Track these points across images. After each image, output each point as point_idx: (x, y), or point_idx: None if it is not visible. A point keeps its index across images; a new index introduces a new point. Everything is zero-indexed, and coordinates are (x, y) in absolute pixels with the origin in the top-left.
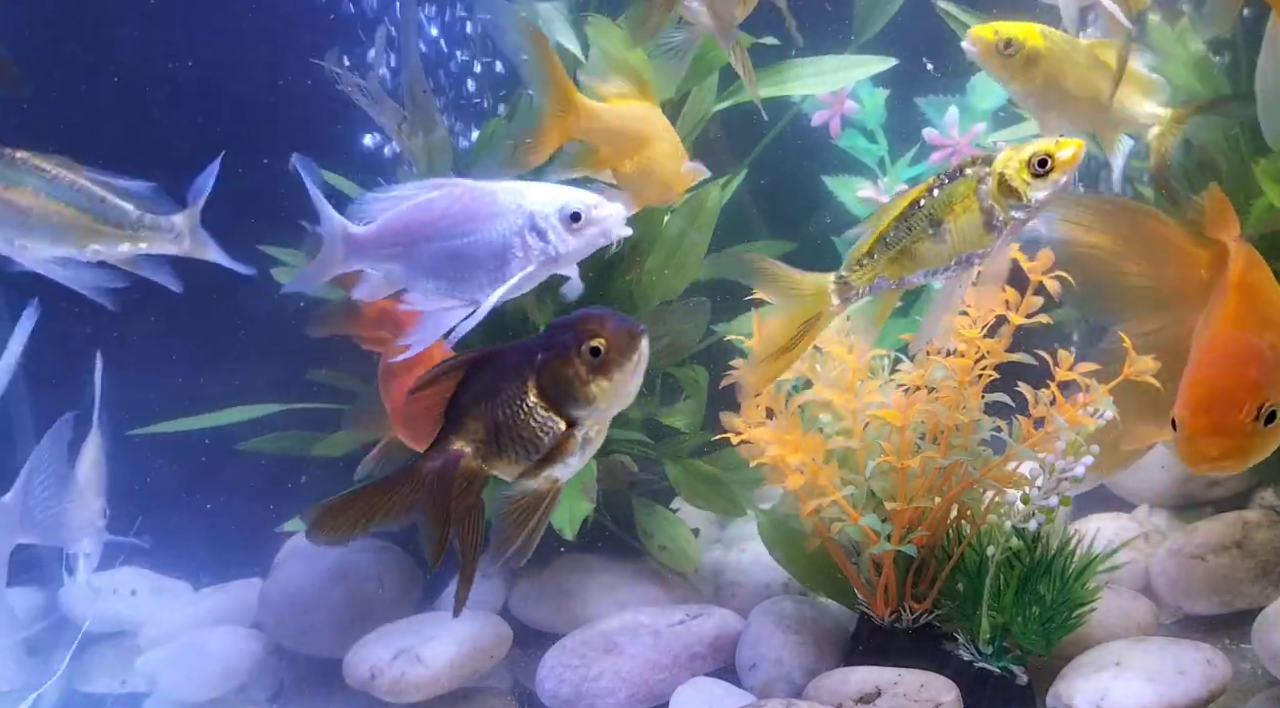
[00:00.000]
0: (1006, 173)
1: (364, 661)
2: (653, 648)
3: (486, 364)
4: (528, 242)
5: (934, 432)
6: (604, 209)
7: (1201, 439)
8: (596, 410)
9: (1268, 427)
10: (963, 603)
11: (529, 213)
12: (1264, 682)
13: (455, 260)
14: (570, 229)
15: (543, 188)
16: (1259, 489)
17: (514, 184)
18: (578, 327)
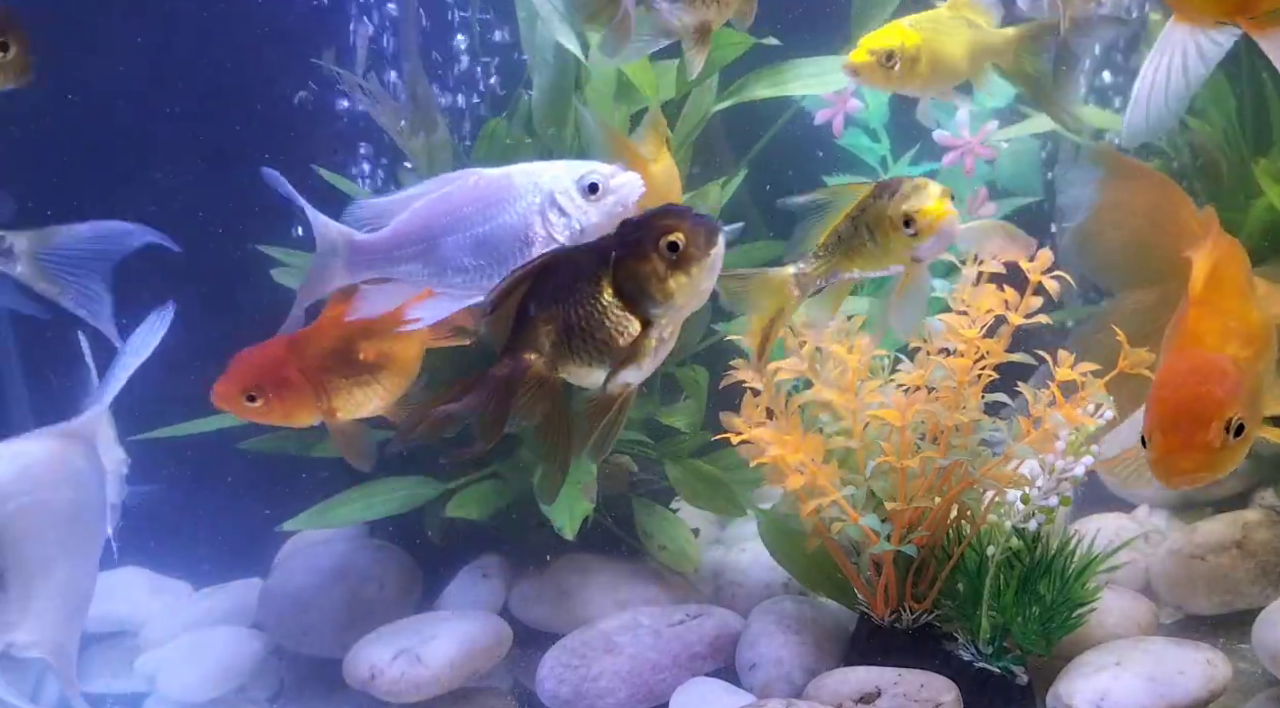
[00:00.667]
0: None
1: (364, 661)
2: (653, 648)
3: (557, 268)
4: (550, 220)
5: (934, 432)
6: (620, 177)
7: (1172, 458)
8: (673, 308)
9: (1236, 439)
10: (963, 603)
11: (548, 191)
12: (1264, 682)
13: (480, 249)
14: (590, 200)
15: (554, 165)
16: (1259, 489)
17: (524, 165)
18: (654, 222)
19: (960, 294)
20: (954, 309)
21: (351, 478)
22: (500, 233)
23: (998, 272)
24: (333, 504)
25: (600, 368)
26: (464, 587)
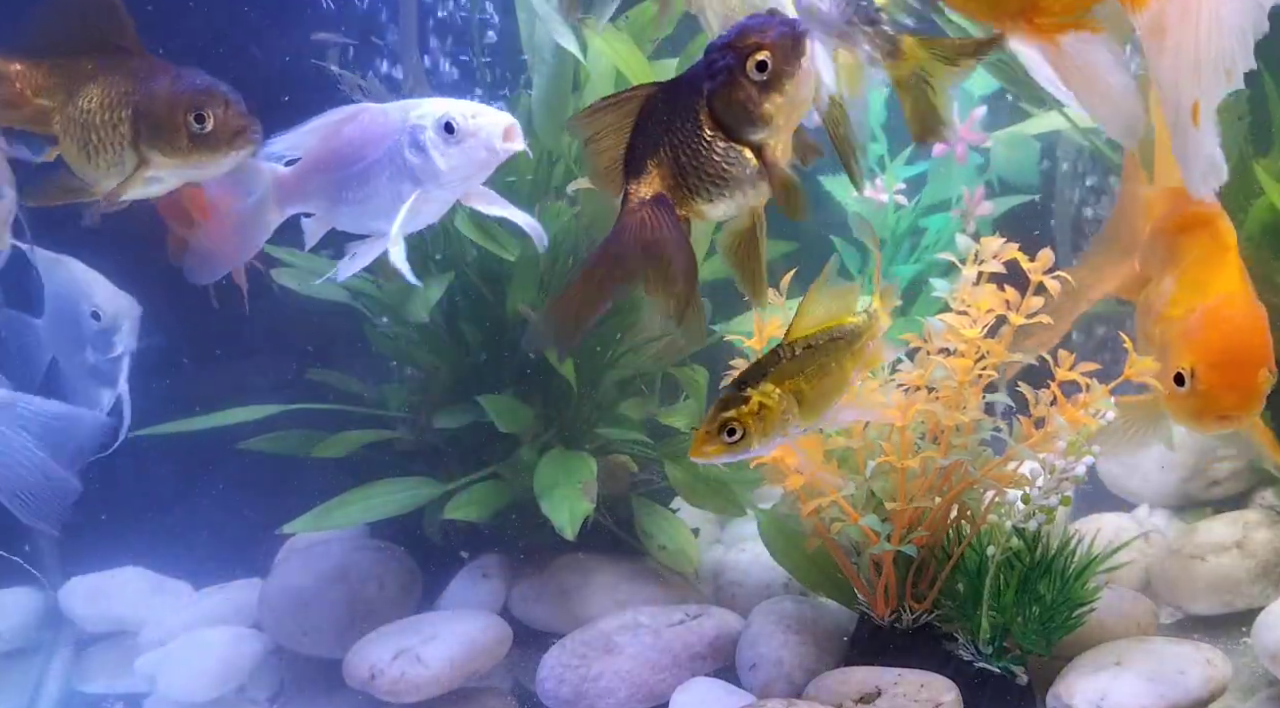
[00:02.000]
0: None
1: (364, 661)
2: (653, 648)
3: (651, 111)
4: (408, 159)
5: (933, 432)
6: (483, 118)
7: (1220, 395)
8: (775, 128)
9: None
10: (963, 603)
11: (410, 127)
12: (1264, 682)
13: (362, 186)
14: (448, 141)
15: (432, 101)
16: (1259, 489)
17: (410, 102)
18: (737, 45)
19: (960, 294)
20: (954, 309)
21: (352, 478)
22: (374, 171)
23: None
24: (333, 505)
25: (720, 202)
26: (464, 587)
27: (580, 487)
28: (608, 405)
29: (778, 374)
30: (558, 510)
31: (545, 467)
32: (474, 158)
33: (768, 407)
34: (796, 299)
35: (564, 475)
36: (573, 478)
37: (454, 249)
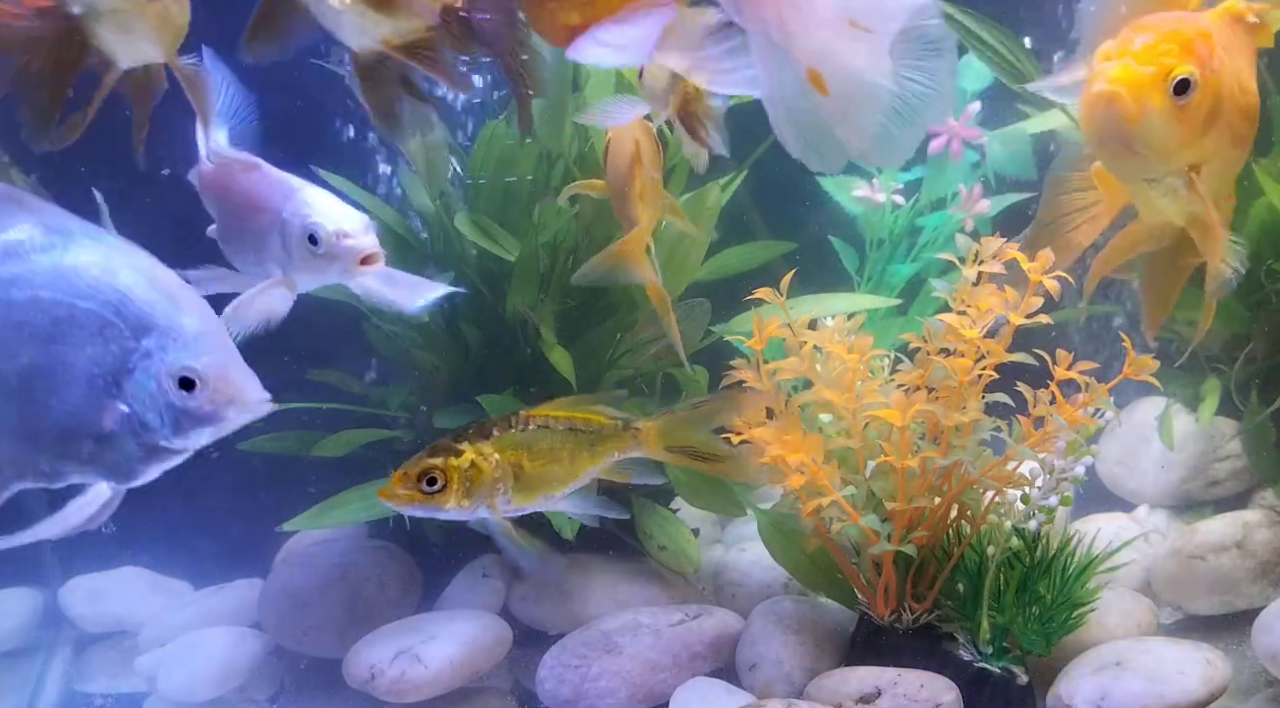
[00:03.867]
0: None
1: (364, 661)
2: (653, 648)
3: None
4: (275, 246)
5: (933, 432)
6: (351, 241)
7: (1119, 63)
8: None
9: (1178, 98)
10: (963, 603)
11: (283, 218)
12: (1264, 682)
13: (233, 238)
14: (308, 249)
15: (315, 197)
16: (1259, 489)
17: (296, 183)
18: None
19: (960, 294)
20: (954, 309)
21: (352, 478)
22: (247, 231)
23: (997, 272)
24: (332, 504)
25: None
26: (464, 587)
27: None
28: None
29: (503, 441)
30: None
31: None
32: (327, 273)
33: (480, 468)
34: (797, 299)
35: None
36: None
37: (454, 249)
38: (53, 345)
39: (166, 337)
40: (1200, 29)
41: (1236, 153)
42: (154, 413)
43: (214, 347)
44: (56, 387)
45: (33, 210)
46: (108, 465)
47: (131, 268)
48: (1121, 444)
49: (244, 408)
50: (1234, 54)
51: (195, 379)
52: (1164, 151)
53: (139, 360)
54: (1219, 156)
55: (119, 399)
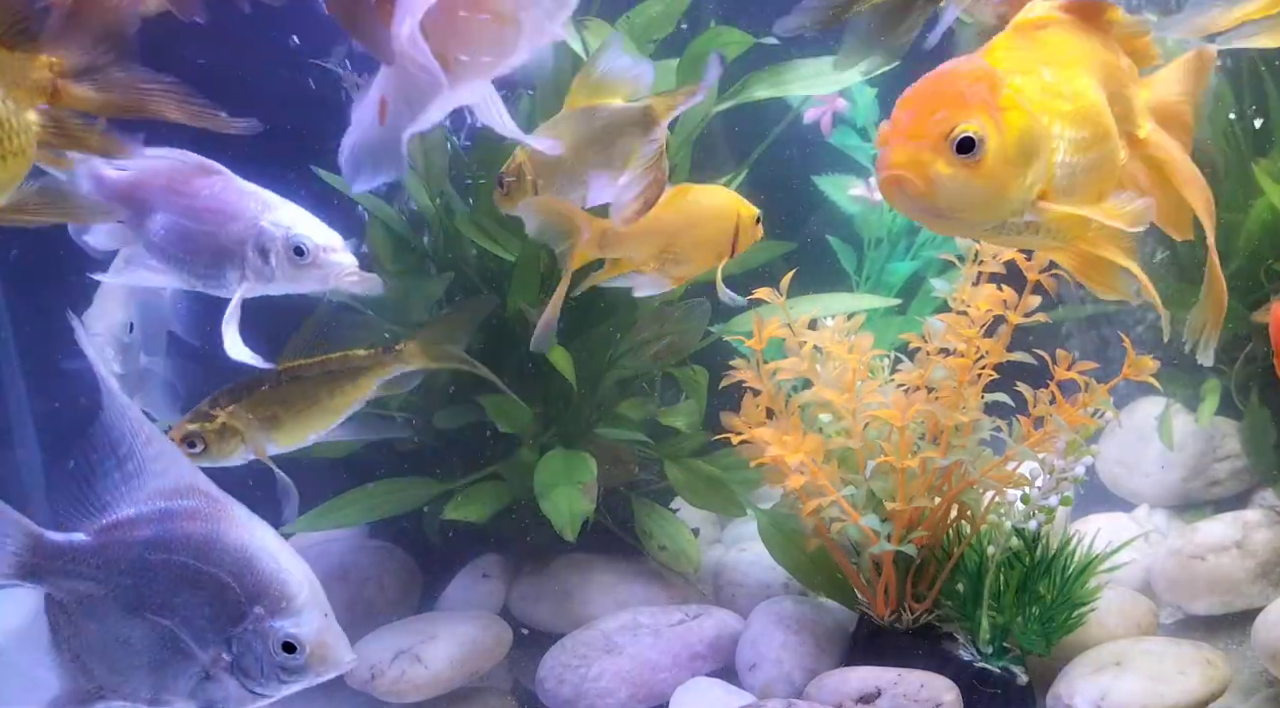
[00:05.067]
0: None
1: (364, 661)
2: (653, 648)
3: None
4: (248, 254)
5: (934, 432)
6: (336, 256)
7: (889, 149)
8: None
9: (961, 156)
10: (963, 603)
11: (261, 228)
12: (1264, 682)
13: (182, 241)
14: (293, 261)
15: (293, 211)
16: (1259, 489)
17: (270, 196)
18: None
19: (960, 294)
20: (954, 309)
21: (352, 478)
22: (204, 239)
23: (997, 272)
24: (333, 506)
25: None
26: (464, 587)
27: (580, 487)
28: (608, 405)
29: (255, 398)
30: (558, 511)
31: (545, 467)
32: (310, 281)
33: (232, 427)
34: (796, 299)
35: (564, 476)
36: (573, 478)
37: (454, 249)
38: (176, 598)
39: (276, 605)
40: (974, 71)
41: (1096, 155)
42: (257, 666)
43: (315, 617)
44: (171, 633)
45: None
46: (205, 702)
47: (254, 540)
48: (1121, 444)
49: (334, 667)
50: (1059, 62)
51: (297, 645)
52: (984, 208)
53: (250, 623)
54: (1071, 170)
55: (226, 650)
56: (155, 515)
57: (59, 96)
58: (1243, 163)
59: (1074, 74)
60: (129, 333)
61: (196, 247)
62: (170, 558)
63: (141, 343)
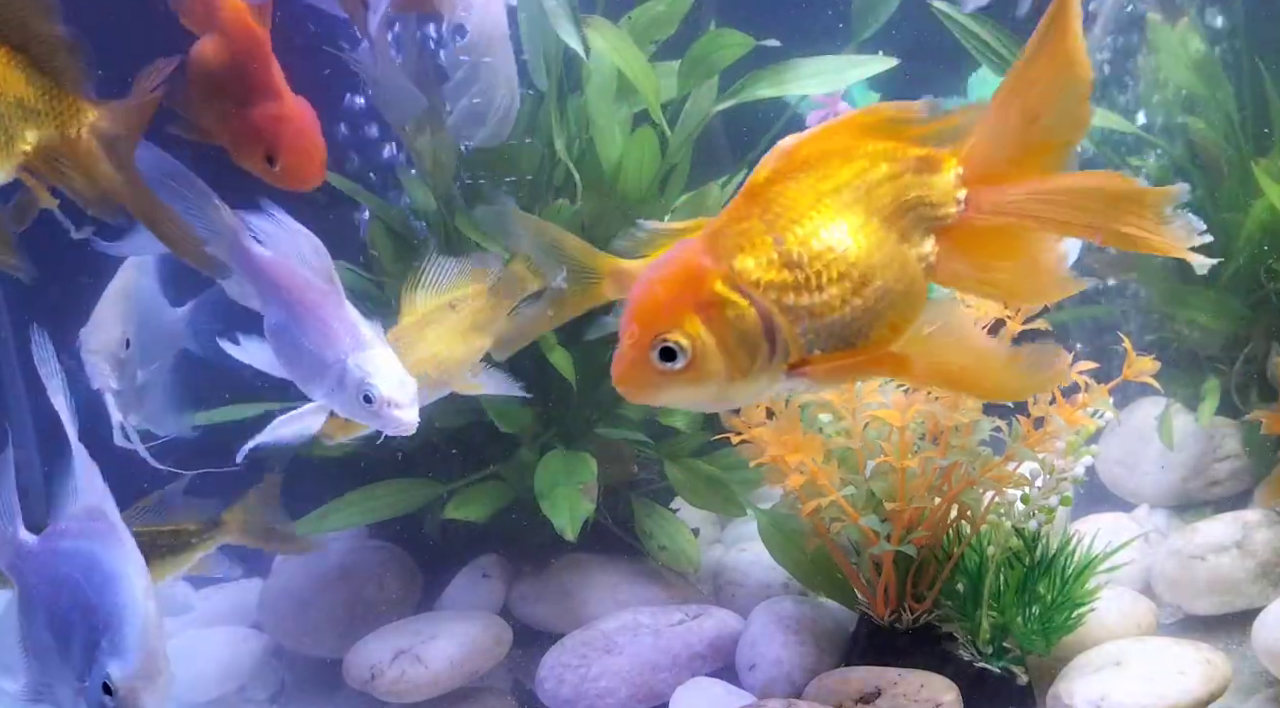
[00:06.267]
0: None
1: (364, 661)
2: (653, 648)
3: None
4: (330, 381)
5: (933, 432)
6: (397, 412)
7: (617, 353)
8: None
9: (666, 365)
10: (963, 603)
11: (345, 367)
12: (1264, 682)
13: (288, 343)
14: (361, 403)
15: (379, 357)
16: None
17: (367, 334)
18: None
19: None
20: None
21: (352, 479)
22: (302, 353)
23: None
24: (333, 507)
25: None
26: (464, 587)
27: (580, 487)
28: (608, 405)
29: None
30: (558, 511)
31: (545, 467)
32: (369, 421)
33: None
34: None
35: (564, 476)
36: (573, 478)
37: (454, 249)
38: (70, 613)
39: (113, 641)
40: (682, 270)
41: (863, 303)
42: (93, 698)
43: (135, 662)
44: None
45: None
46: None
47: (125, 571)
48: (1121, 444)
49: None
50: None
51: (112, 688)
52: (714, 402)
53: (98, 654)
54: (832, 328)
55: (81, 677)
56: (72, 530)
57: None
58: (1243, 163)
59: (821, 222)
60: (125, 349)
61: (297, 353)
62: (70, 573)
63: (139, 359)
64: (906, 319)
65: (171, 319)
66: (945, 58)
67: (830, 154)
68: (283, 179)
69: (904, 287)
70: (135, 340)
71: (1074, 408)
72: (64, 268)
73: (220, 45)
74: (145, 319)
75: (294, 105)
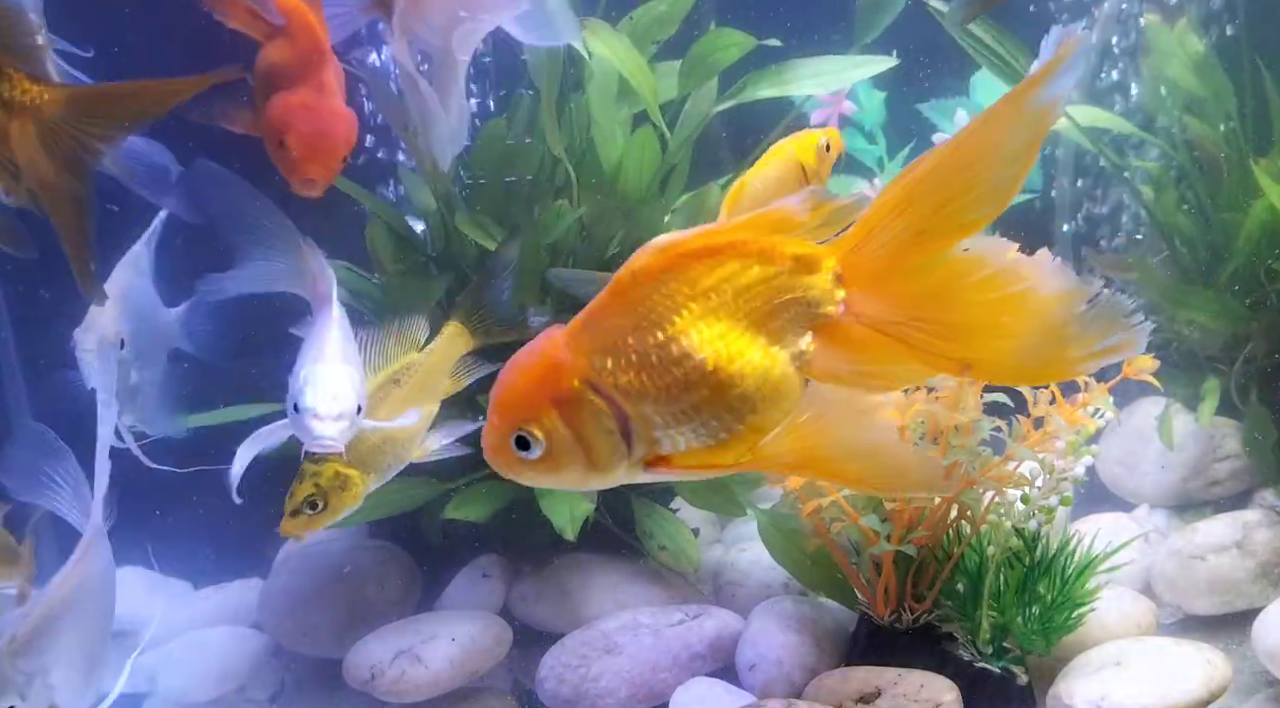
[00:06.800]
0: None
1: (364, 661)
2: (653, 648)
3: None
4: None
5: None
6: (319, 423)
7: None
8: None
9: (522, 453)
10: (963, 603)
11: (295, 375)
12: (1264, 682)
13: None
14: (290, 412)
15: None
16: (1259, 489)
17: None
18: None
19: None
20: None
21: None
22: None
23: None
24: None
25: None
26: (464, 587)
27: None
28: None
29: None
30: (558, 511)
31: None
32: (295, 431)
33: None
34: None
35: None
36: None
37: (454, 249)
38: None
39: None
40: (541, 363)
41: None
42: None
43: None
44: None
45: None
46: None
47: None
48: (1121, 444)
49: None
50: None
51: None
52: (572, 485)
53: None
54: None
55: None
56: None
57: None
58: (1243, 163)
59: (682, 327)
60: (121, 348)
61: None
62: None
63: (134, 358)
64: (772, 420)
65: (166, 320)
66: (948, 58)
67: (700, 256)
68: (292, 168)
69: (768, 390)
70: (130, 340)
71: (1074, 408)
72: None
73: (285, 44)
74: (140, 319)
75: (330, 101)
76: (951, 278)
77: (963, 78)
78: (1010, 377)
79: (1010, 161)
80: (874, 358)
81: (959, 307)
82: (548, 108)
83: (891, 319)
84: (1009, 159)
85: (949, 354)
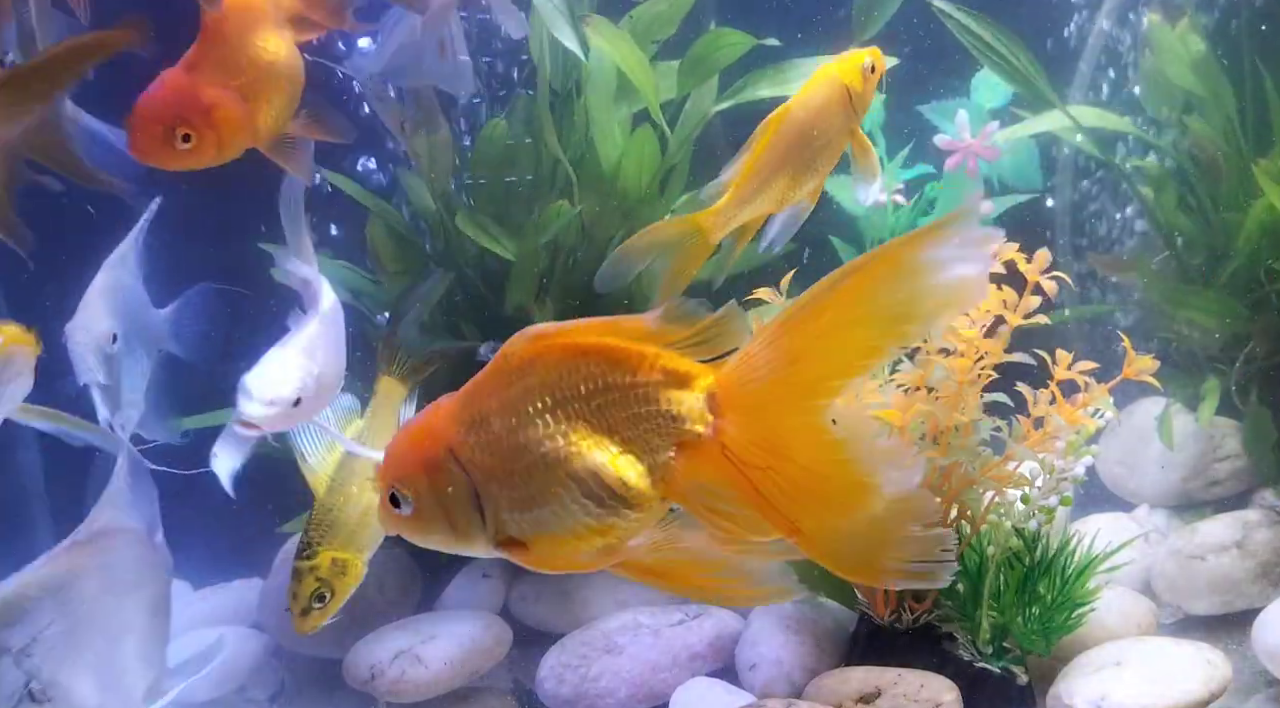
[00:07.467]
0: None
1: (364, 661)
2: (653, 648)
3: None
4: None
5: (933, 432)
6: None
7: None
8: None
9: (395, 510)
10: (963, 603)
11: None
12: (1264, 682)
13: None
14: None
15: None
16: (1259, 489)
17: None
18: None
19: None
20: None
21: None
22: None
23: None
24: None
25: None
26: (464, 587)
27: None
28: None
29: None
30: None
31: None
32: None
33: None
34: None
35: None
36: None
37: (454, 248)
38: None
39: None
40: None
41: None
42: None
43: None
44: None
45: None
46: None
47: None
48: (1121, 444)
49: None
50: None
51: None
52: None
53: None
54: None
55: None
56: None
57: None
58: (1243, 163)
59: (529, 419)
60: (113, 343)
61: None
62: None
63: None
64: (623, 523)
65: (155, 320)
66: (949, 58)
67: (567, 352)
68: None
69: (611, 493)
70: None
71: (1074, 408)
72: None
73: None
74: (129, 318)
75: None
76: (814, 446)
77: (964, 78)
78: (829, 558)
79: (891, 321)
80: (725, 493)
81: (813, 476)
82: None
83: (750, 460)
84: (888, 318)
85: (786, 514)
